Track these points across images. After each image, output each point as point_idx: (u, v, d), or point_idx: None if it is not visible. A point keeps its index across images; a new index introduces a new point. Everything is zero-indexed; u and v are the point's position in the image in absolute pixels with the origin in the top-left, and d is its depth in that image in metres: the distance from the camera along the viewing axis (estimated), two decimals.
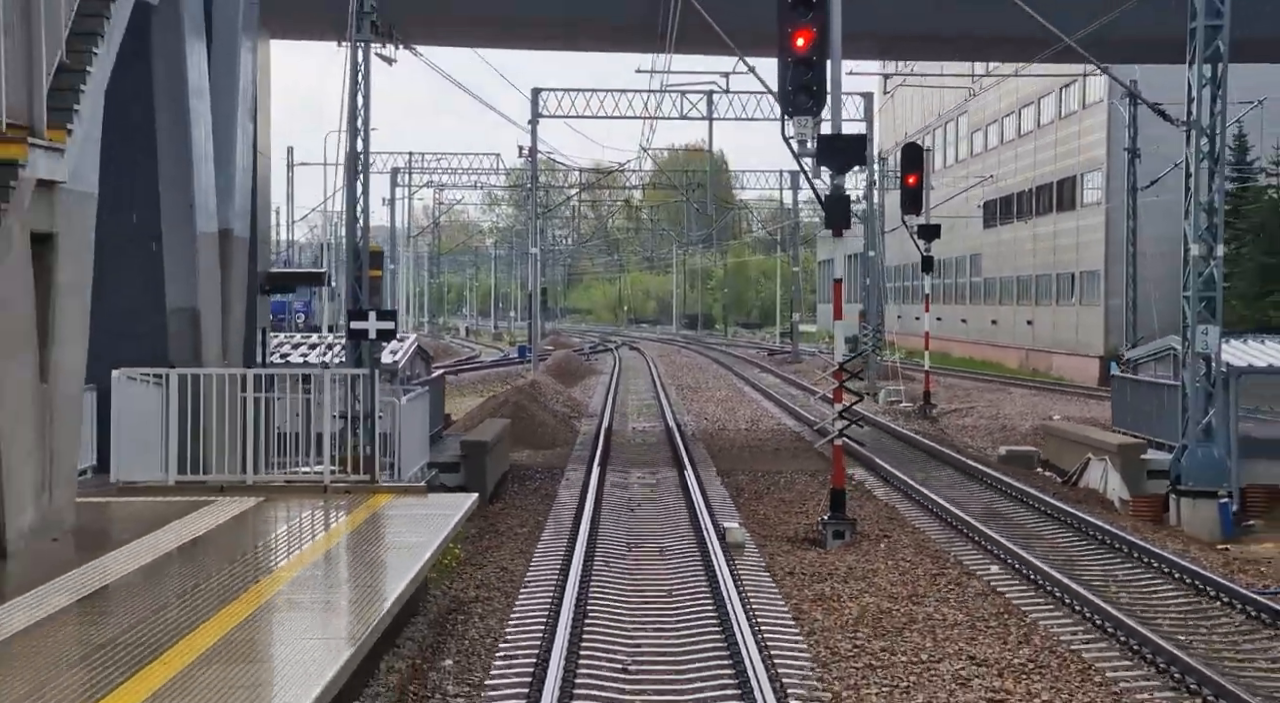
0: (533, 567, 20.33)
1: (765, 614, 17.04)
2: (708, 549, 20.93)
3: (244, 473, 18.99)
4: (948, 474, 31.25)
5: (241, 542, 15.68)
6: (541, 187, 74.96)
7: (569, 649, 14.96)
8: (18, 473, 14.01)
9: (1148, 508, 25.71)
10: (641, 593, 18.46)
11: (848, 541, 22.45)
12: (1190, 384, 24.95)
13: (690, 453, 34.14)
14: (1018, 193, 74.99)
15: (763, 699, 13.03)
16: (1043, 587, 18.84)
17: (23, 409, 14.20)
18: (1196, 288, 24.92)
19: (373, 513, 17.60)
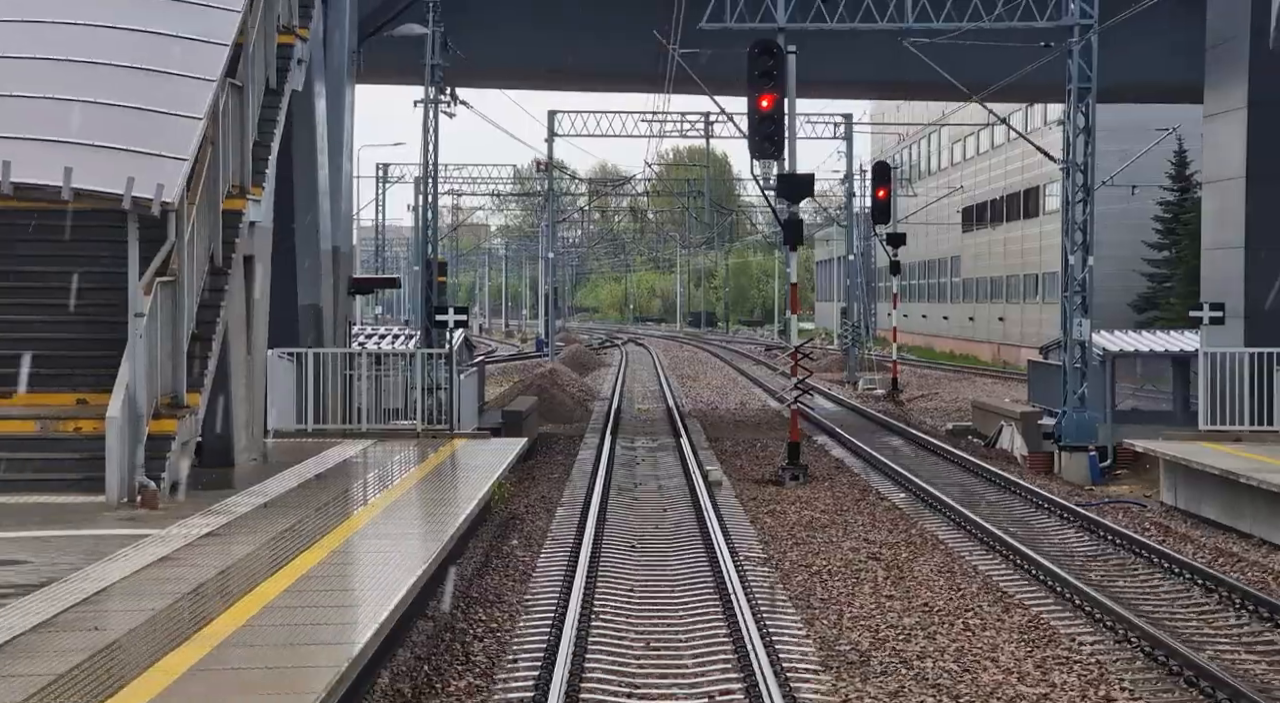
0: (564, 496, 27.73)
1: (730, 520, 24.42)
2: (694, 486, 28.30)
3: (359, 423, 26.51)
4: (895, 441, 38.66)
5: (373, 463, 23.12)
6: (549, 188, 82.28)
7: (594, 537, 22.34)
8: (239, 414, 21.43)
9: (1040, 461, 32.97)
10: (645, 510, 25.89)
11: (801, 481, 29.79)
12: (1068, 364, 32.31)
13: (686, 426, 41.54)
14: (990, 200, 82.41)
15: (722, 557, 20.38)
16: (932, 506, 26.24)
17: (239, 374, 21.59)
18: (1073, 289, 32.30)
19: (454, 450, 25.02)
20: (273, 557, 14.58)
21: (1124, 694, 13.74)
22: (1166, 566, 19.93)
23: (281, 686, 9.92)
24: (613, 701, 13.62)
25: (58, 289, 19.88)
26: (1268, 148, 30.90)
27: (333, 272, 28.50)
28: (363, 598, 12.89)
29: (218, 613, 11.92)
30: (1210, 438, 26.11)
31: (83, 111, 18.40)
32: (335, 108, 28.88)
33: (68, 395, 19.03)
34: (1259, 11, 30.84)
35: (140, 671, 10.00)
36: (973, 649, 15.50)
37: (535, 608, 17.60)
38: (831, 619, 16.97)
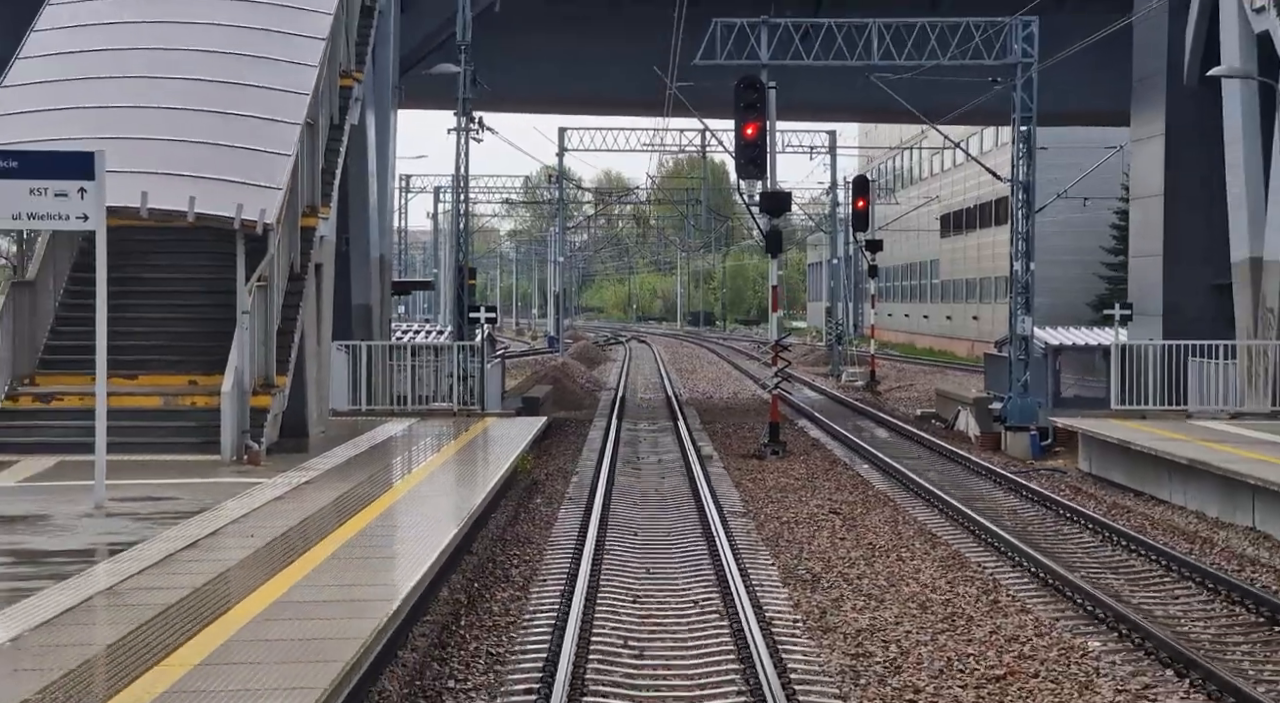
0: (578, 467, 32.39)
1: (718, 484, 29.06)
2: (689, 459, 32.95)
3: (403, 405, 31.23)
4: (867, 424, 43.35)
5: (419, 436, 27.80)
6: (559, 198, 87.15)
7: (604, 497, 26.99)
8: (313, 395, 26.11)
9: (990, 440, 37.59)
10: (646, 477, 30.57)
11: (780, 456, 34.43)
12: (1014, 356, 36.99)
13: (683, 412, 46.23)
14: (965, 209, 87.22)
15: (709, 511, 25.02)
16: (889, 474, 30.92)
17: (312, 362, 26.27)
18: (1018, 289, 36.98)
19: (485, 426, 29.72)
20: (362, 496, 19.28)
21: (1007, 598, 18.37)
22: (1069, 516, 24.60)
23: (400, 566, 14.60)
24: (621, 605, 18.22)
25: (172, 292, 24.60)
26: (1182, 170, 35.53)
27: (379, 276, 33.19)
28: (437, 521, 17.58)
29: (334, 529, 16.58)
30: (1121, 416, 30.78)
31: (199, 151, 23.10)
32: (382, 135, 33.52)
33: (181, 377, 23.74)
34: (1175, 50, 35.45)
35: (293, 559, 14.64)
36: (901, 572, 20.12)
37: (558, 546, 22.23)
38: (794, 554, 21.60)
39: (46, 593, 12.40)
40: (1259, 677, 14.17)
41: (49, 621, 11.29)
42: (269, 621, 11.48)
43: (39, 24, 25.17)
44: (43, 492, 18.88)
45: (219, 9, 26.10)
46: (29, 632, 10.88)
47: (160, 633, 10.93)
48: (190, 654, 10.24)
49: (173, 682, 9.52)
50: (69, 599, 12.07)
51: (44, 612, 11.56)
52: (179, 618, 11.46)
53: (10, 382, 22.69)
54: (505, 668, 14.61)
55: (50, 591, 12.50)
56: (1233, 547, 21.36)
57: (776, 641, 15.52)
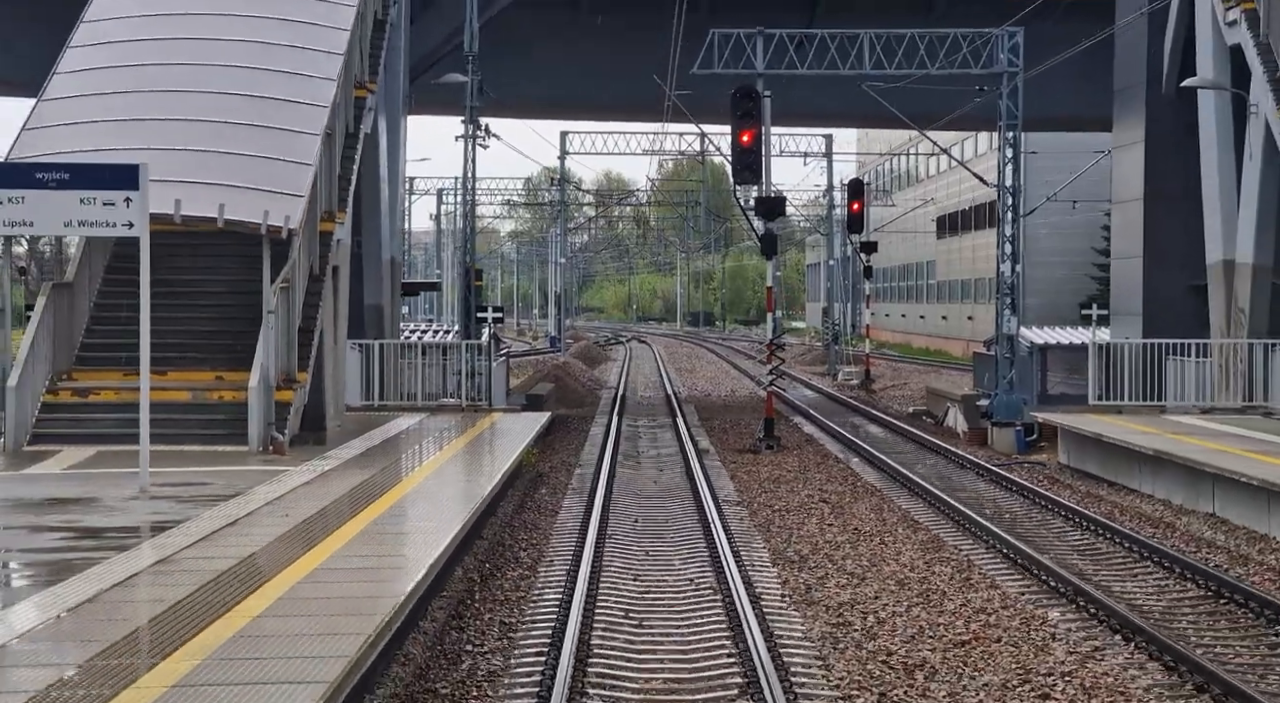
0: (580, 460, 33.88)
1: (714, 476, 30.56)
2: (687, 453, 34.44)
3: (413, 400, 32.73)
4: (860, 421, 44.87)
5: (430, 430, 29.30)
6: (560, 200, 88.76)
7: (607, 487, 28.49)
8: (331, 390, 27.62)
9: (977, 436, 39.09)
10: (646, 470, 32.08)
11: (774, 450, 35.92)
12: (1000, 354, 38.48)
13: (682, 409, 47.74)
14: (960, 210, 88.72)
15: (705, 500, 26.52)
16: (876, 466, 32.42)
17: (329, 359, 27.77)
18: (1004, 290, 38.48)
19: (493, 420, 31.22)
20: (383, 482, 20.79)
21: (978, 576, 19.87)
22: (1044, 504, 26.11)
23: (423, 541, 16.10)
24: (623, 583, 19.72)
25: (196, 293, 26.10)
26: (1160, 176, 37.00)
27: (390, 277, 34.70)
28: (453, 505, 19.09)
29: (360, 511, 18.09)
30: (1099, 411, 32.27)
31: (226, 160, 24.61)
32: (393, 142, 35.02)
33: (209, 373, 25.24)
34: (1154, 61, 36.93)
35: (327, 535, 16.15)
36: (882, 554, 21.61)
37: (563, 531, 23.73)
38: (783, 538, 23.10)
39: (112, 561, 13.91)
40: (1199, 642, 15.68)
41: (121, 582, 12.81)
42: (315, 582, 13.01)
43: (74, 40, 26.66)
44: (88, 478, 20.38)
45: (245, 27, 27.61)
46: (105, 592, 12.40)
47: (221, 592, 12.45)
48: (252, 606, 11.76)
49: (240, 627, 11.04)
50: (134, 566, 13.59)
51: (115, 576, 13.07)
52: (234, 581, 12.98)
53: (51, 377, 24.19)
54: (518, 635, 16.11)
55: (115, 559, 14.02)
56: (1193, 531, 22.86)
57: (764, 612, 17.01)
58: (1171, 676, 14.16)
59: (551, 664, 14.42)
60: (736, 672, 14.47)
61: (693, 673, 14.57)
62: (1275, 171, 31.64)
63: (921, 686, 13.95)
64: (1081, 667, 14.51)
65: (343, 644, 10.52)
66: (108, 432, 23.31)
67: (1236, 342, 32.77)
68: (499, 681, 14.19)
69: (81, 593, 12.28)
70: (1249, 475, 21.80)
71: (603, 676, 14.33)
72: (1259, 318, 32.53)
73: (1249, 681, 13.80)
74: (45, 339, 23.90)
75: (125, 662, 10.10)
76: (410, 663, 14.21)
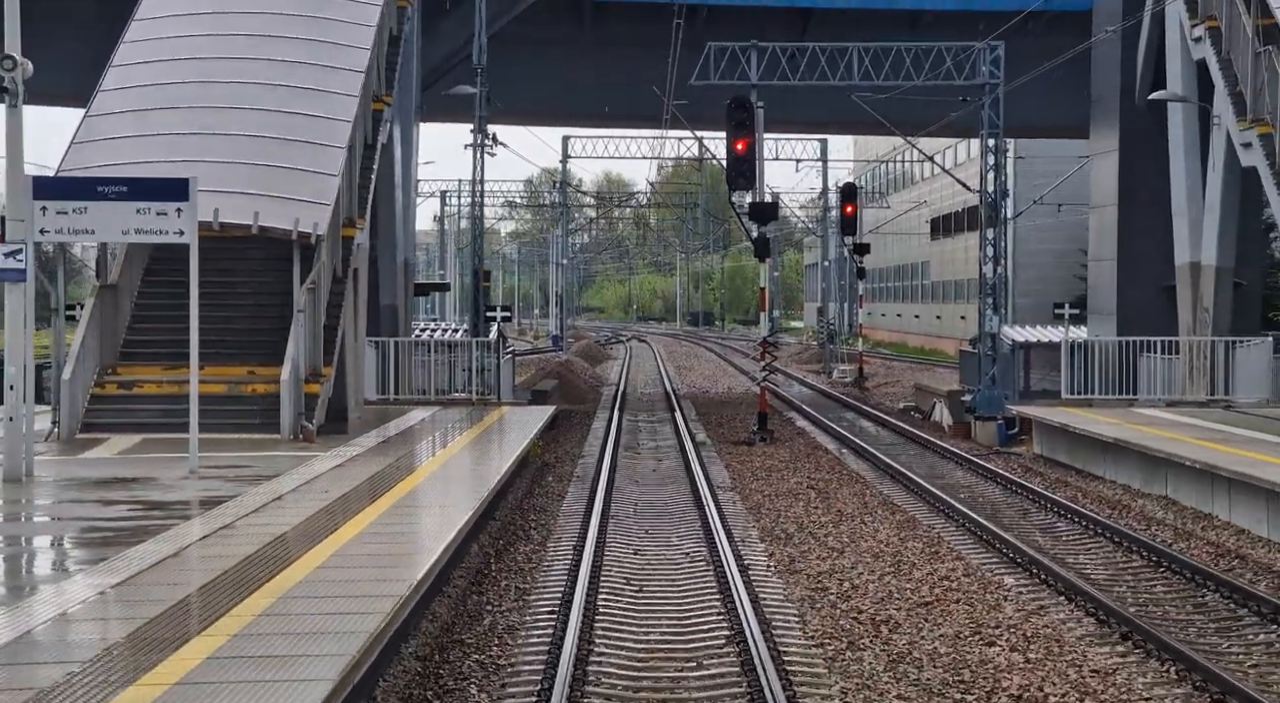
0: (584, 451, 35.96)
1: (710, 465, 32.62)
2: (684, 445, 36.52)
3: (427, 393, 34.80)
4: (851, 416, 46.94)
5: (443, 421, 31.38)
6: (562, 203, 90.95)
7: (609, 474, 30.55)
8: (352, 383, 29.68)
9: (961, 429, 41.14)
10: (646, 460, 34.16)
11: (767, 442, 37.98)
12: (982, 352, 40.55)
13: (680, 405, 49.82)
14: (954, 212, 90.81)
15: (700, 486, 28.58)
16: (862, 456, 34.49)
17: (350, 355, 29.83)
18: (986, 291, 40.54)
19: (501, 413, 33.27)
20: (405, 466, 22.86)
21: (946, 550, 21.92)
22: (1015, 489, 28.18)
23: (449, 513, 18.17)
24: (625, 556, 21.77)
25: (230, 293, 28.16)
26: (1133, 182, 39.05)
27: (403, 279, 36.77)
28: (471, 485, 21.17)
29: (389, 489, 20.15)
30: (1072, 405, 34.33)
31: (259, 172, 26.69)
32: (406, 150, 37.07)
33: (241, 367, 27.30)
34: (1127, 73, 38.98)
35: (363, 508, 18.20)
36: (861, 532, 23.67)
37: (569, 513, 25.80)
38: (772, 518, 25.16)
39: (180, 527, 15.99)
40: (1133, 601, 17.75)
41: (196, 542, 14.91)
42: (361, 542, 15.10)
43: (115, 60, 28.72)
44: (139, 461, 22.45)
45: (273, 47, 29.66)
46: (185, 549, 14.50)
47: (282, 549, 14.53)
48: (311, 560, 13.85)
49: (304, 575, 13.13)
50: (203, 530, 15.67)
51: (188, 538, 15.16)
52: (292, 542, 15.07)
53: (98, 371, 26.27)
54: (532, 598, 18.19)
55: (183, 526, 16.10)
56: (1146, 511, 24.94)
57: (752, 579, 19.08)
58: (1102, 627, 16.24)
59: (562, 621, 16.48)
60: (725, 626, 16.53)
61: (687, 627, 16.64)
62: (1235, 180, 33.69)
63: (885, 636, 16.01)
64: (1025, 621, 16.59)
65: (393, 588, 12.60)
66: (151, 421, 25.39)
67: (1202, 339, 34.82)
68: (517, 634, 16.24)
69: (166, 551, 14.37)
70: (1193, 459, 23.87)
71: (608, 629, 16.39)
72: (1222, 317, 34.60)
73: (1170, 631, 15.86)
74: (93, 336, 25.96)
75: (216, 598, 12.18)
76: (436, 621, 16.27)
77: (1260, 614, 16.63)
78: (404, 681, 13.57)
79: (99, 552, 14.47)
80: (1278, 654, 15.18)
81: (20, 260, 19.18)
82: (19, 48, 19.24)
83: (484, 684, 13.97)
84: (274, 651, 10.41)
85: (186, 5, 30.33)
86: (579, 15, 46.35)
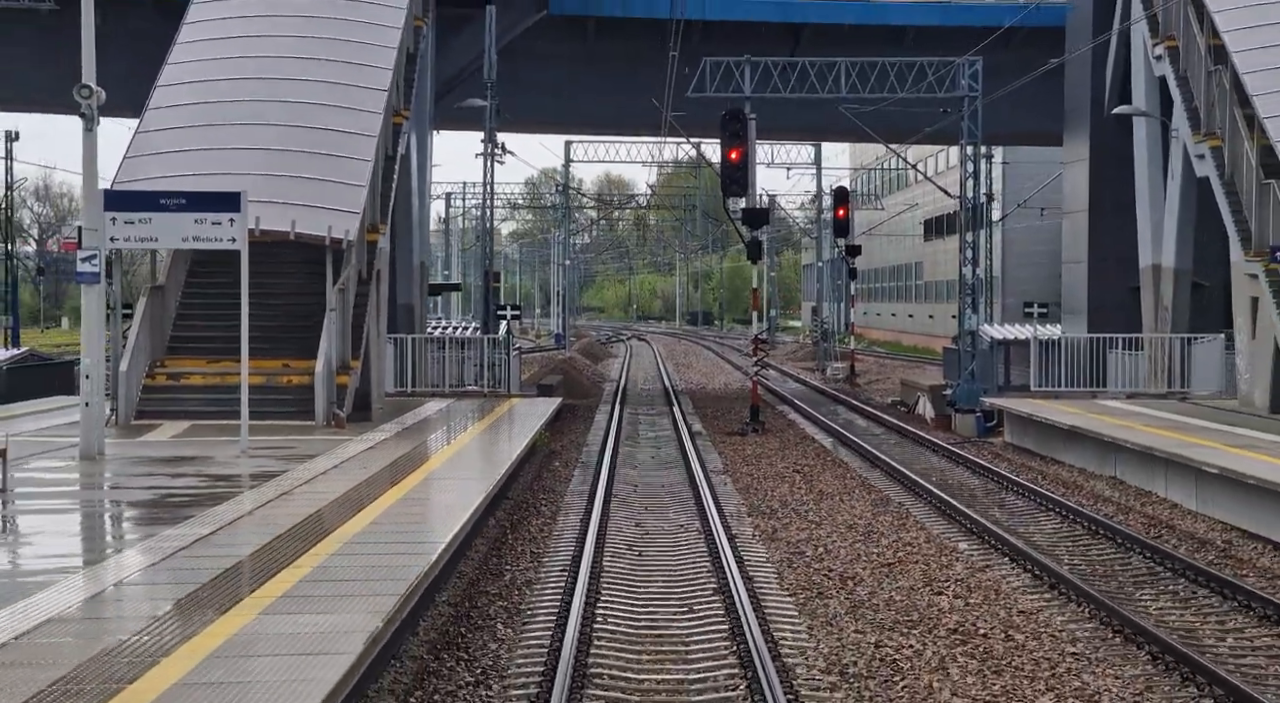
0: (588, 440, 38.63)
1: (704, 452, 35.28)
2: (681, 435, 39.20)
3: (441, 386, 37.48)
4: (840, 409, 49.61)
5: (458, 411, 34.05)
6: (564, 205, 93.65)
7: (612, 460, 33.21)
8: (375, 376, 32.33)
9: (942, 421, 43.75)
10: (645, 448, 36.83)
11: (758, 433, 40.63)
12: (962, 348, 43.21)
13: (678, 399, 52.48)
14: (945, 214, 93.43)
15: (695, 469, 31.21)
16: (847, 445, 37.15)
17: (374, 350, 32.47)
18: (965, 290, 43.18)
19: (511, 404, 35.94)
20: (429, 448, 25.53)
21: (912, 522, 24.58)
22: (982, 473, 30.83)
23: (473, 485, 20.84)
24: (626, 527, 24.43)
25: (265, 294, 30.80)
26: (1103, 190, 41.71)
27: (419, 279, 39.43)
28: (491, 463, 23.84)
29: (418, 467, 22.81)
30: (1040, 397, 37.00)
31: (295, 184, 29.36)
32: (421, 159, 39.73)
33: (277, 361, 29.93)
34: (1097, 88, 41.65)
35: (398, 481, 20.85)
36: (839, 508, 26.32)
37: (576, 493, 28.46)
38: (760, 497, 27.82)
39: (246, 494, 18.68)
40: (1068, 561, 20.43)
41: (263, 505, 17.60)
42: (402, 505, 17.80)
43: (161, 80, 31.41)
44: (193, 443, 25.13)
45: (305, 68, 32.34)
46: (257, 509, 17.20)
47: (340, 509, 17.23)
48: (364, 517, 16.55)
49: (362, 527, 15.83)
50: (266, 496, 18.36)
51: (256, 502, 17.84)
52: (345, 505, 17.76)
53: (149, 364, 28.94)
54: (545, 559, 20.85)
55: (248, 492, 18.80)
56: (1096, 491, 27.62)
57: (738, 546, 21.74)
58: (1036, 581, 18.92)
59: (572, 576, 19.14)
60: (713, 581, 19.19)
61: (680, 581, 19.31)
62: (1192, 189, 36.34)
63: (850, 589, 18.67)
64: (971, 576, 19.28)
65: (438, 534, 15.30)
66: (196, 409, 28.07)
67: (1162, 336, 37.48)
68: (533, 587, 18.91)
69: (240, 511, 17.08)
70: (1134, 443, 26.56)
71: (612, 583, 19.06)
72: (1180, 315, 37.27)
73: (1092, 583, 18.53)
74: (145, 332, 28.63)
75: (292, 545, 14.86)
76: (463, 578, 18.94)
77: (1174, 571, 19.31)
78: (442, 620, 16.24)
79: (184, 512, 17.16)
80: (1180, 599, 17.87)
81: (95, 265, 21.83)
82: (94, 77, 21.88)
83: (509, 622, 16.64)
84: (349, 576, 13.14)
85: (221, 30, 33.01)
86: (582, 31, 49.03)
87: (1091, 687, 13.74)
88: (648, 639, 16.04)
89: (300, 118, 30.91)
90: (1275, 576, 19.20)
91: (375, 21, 34.00)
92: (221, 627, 11.10)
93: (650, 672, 14.67)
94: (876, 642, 15.63)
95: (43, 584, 12.82)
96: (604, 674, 14.41)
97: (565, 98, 50.65)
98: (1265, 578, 19.02)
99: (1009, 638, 15.68)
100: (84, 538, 16.60)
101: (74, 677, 9.73)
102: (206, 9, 33.74)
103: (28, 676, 9.69)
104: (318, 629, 10.97)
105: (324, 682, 9.42)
